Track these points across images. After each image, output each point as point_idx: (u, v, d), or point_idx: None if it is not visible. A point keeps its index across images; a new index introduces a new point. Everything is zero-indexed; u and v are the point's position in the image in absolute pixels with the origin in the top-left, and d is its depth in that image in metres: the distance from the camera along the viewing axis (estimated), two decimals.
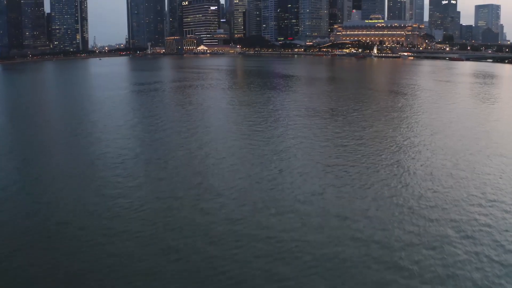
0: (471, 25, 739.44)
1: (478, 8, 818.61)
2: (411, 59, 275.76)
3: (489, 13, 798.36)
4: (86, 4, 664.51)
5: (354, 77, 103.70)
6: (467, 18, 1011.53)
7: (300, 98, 57.96)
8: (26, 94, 76.17)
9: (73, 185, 26.15)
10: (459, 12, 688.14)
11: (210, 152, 32.90)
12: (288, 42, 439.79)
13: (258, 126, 40.89)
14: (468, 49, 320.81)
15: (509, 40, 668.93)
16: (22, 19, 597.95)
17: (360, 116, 45.24)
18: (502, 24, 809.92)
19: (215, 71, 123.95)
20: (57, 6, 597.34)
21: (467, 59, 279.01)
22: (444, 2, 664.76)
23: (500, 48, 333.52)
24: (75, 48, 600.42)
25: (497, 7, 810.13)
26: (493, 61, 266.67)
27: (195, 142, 35.80)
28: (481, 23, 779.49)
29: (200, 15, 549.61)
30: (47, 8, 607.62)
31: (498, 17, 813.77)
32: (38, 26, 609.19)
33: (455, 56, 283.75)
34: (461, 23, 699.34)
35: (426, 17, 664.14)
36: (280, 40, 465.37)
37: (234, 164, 29.79)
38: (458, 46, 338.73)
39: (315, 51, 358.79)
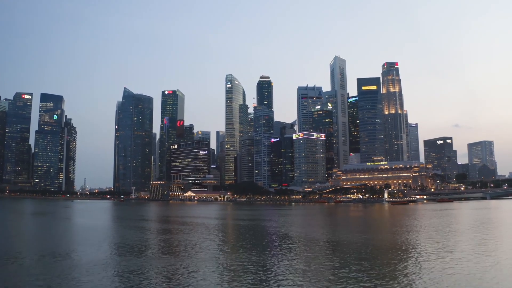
0: (467, 164, 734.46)
1: (471, 146, 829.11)
2: (425, 203, 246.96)
3: (482, 150, 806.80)
4: (75, 144, 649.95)
5: (395, 240, 62.71)
6: (460, 157, 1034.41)
7: None
8: None
9: None
10: (455, 151, 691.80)
11: None
12: (283, 188, 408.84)
13: None
14: (492, 186, 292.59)
15: (504, 175, 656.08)
16: (5, 152, 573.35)
17: None
18: (495, 160, 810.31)
19: (202, 226, 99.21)
20: (41, 142, 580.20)
21: (492, 198, 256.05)
22: (439, 142, 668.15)
23: None
24: (57, 187, 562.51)
25: (490, 144, 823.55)
26: None
27: None
28: (476, 160, 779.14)
29: (189, 160, 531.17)
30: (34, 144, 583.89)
31: (492, 153, 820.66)
32: (21, 161, 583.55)
33: (479, 195, 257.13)
34: (457, 162, 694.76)
35: (422, 158, 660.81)
36: (274, 186, 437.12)
37: None
38: (479, 184, 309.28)
39: (316, 198, 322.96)
